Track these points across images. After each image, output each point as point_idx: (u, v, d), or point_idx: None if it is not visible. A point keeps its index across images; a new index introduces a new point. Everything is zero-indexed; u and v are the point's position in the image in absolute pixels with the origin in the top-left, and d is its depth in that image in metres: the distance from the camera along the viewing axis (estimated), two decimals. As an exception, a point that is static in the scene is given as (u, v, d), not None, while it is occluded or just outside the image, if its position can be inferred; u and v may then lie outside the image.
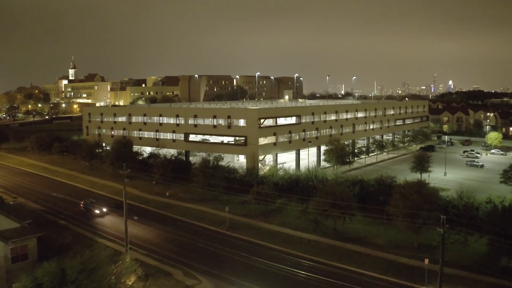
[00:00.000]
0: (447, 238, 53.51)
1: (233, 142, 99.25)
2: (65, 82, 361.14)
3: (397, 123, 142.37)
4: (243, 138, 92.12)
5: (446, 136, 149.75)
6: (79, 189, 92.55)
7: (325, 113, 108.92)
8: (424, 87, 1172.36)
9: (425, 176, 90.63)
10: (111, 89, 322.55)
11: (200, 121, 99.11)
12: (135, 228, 65.44)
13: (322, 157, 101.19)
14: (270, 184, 76.26)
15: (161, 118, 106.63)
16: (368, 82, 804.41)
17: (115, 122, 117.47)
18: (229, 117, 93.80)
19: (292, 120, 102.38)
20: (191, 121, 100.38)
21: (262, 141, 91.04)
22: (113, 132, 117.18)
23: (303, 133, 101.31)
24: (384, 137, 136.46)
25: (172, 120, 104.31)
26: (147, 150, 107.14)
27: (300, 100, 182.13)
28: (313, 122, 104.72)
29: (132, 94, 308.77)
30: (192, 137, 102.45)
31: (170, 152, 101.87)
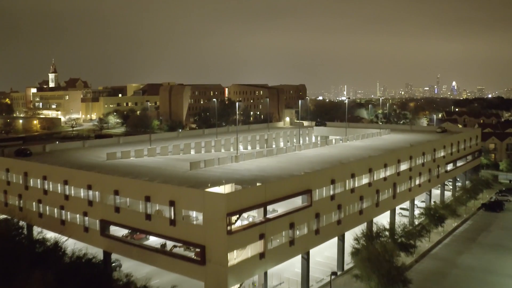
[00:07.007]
0: None
1: (181, 249, 53.99)
2: (33, 90, 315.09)
3: (447, 169, 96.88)
4: (199, 248, 46.38)
5: None
6: None
7: (352, 176, 62.79)
8: (427, 88, 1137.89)
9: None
10: (82, 100, 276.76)
11: (125, 202, 53.57)
12: None
13: (349, 258, 56.49)
14: None
15: (66, 187, 61.03)
16: (370, 83, 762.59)
17: (8, 183, 72.03)
18: (171, 203, 47.92)
19: (297, 197, 55.95)
20: (110, 200, 54.85)
21: (236, 256, 45.28)
22: (7, 199, 72.00)
23: (315, 220, 55.52)
24: (432, 191, 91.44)
25: (82, 193, 58.82)
26: (52, 236, 61.78)
27: (305, 123, 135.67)
28: (333, 198, 58.68)
29: (106, 106, 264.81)
30: (114, 229, 56.95)
31: (84, 247, 56.66)
